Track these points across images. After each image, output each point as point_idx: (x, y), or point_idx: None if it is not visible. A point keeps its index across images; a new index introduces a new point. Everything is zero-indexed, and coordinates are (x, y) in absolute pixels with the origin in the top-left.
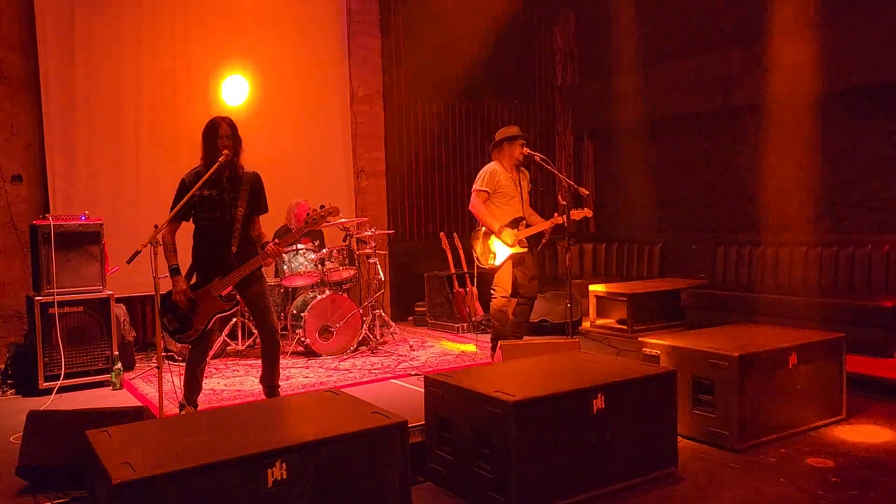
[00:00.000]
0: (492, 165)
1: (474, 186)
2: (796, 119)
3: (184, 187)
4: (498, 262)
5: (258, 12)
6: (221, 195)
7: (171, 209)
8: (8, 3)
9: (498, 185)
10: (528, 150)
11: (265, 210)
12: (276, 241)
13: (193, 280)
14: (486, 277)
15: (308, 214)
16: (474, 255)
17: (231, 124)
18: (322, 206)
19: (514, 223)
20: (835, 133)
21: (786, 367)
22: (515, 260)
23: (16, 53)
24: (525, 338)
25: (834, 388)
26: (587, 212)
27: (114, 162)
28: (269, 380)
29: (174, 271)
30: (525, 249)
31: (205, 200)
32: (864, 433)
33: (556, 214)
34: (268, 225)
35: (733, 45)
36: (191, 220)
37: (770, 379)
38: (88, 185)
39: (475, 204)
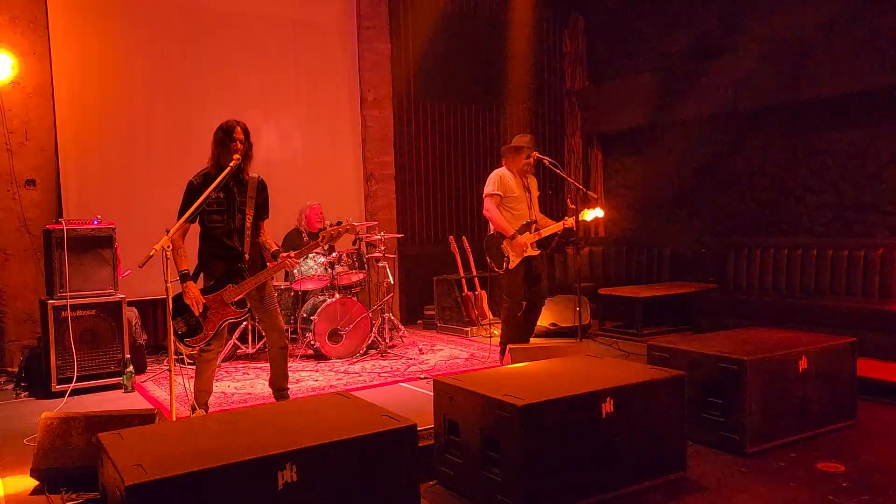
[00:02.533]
0: (500, 170)
1: (485, 191)
2: (806, 122)
3: (192, 189)
4: (511, 265)
5: (268, 18)
6: (229, 198)
7: (180, 211)
8: (22, 10)
9: (507, 189)
10: (538, 155)
11: (267, 216)
12: (292, 253)
13: (202, 284)
14: (496, 281)
15: (325, 229)
16: (487, 259)
17: (245, 129)
18: (339, 223)
19: (526, 227)
20: (846, 136)
21: (796, 370)
22: (527, 263)
23: (30, 59)
24: (534, 341)
25: (845, 392)
26: (599, 213)
27: (126, 166)
28: (278, 383)
29: (185, 276)
30: (537, 253)
31: (213, 203)
32: (875, 437)
33: (566, 217)
34: (279, 228)
35: (742, 48)
36: (196, 222)
37: (780, 383)
38: (101, 189)
39: (489, 208)
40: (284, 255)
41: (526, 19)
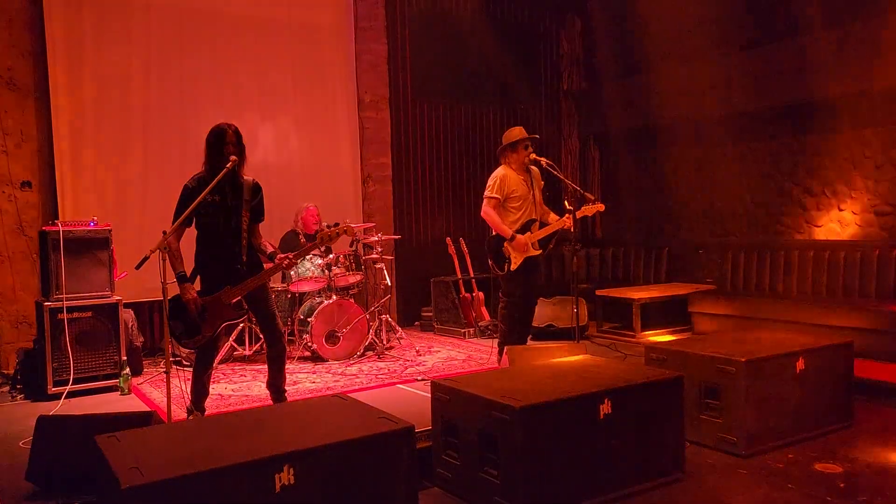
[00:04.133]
0: (501, 171)
1: (485, 193)
2: (803, 123)
3: (188, 193)
4: (513, 267)
5: (265, 20)
6: (225, 201)
7: (176, 215)
8: (18, 11)
9: (509, 191)
10: (535, 156)
11: (263, 219)
12: (290, 255)
13: (199, 286)
14: (494, 282)
15: (322, 231)
16: (489, 262)
17: (236, 131)
18: (337, 224)
19: (527, 226)
20: (843, 138)
21: (793, 371)
22: (527, 264)
23: (26, 61)
24: (531, 342)
25: (842, 394)
26: (600, 206)
27: (122, 168)
28: (276, 385)
29: (182, 278)
30: (538, 252)
31: (209, 206)
32: (872, 438)
33: (567, 215)
34: (275, 230)
35: (737, 50)
36: (193, 226)
37: (777, 384)
38: (97, 191)
39: (487, 211)
40: (282, 256)
41: (523, 21)
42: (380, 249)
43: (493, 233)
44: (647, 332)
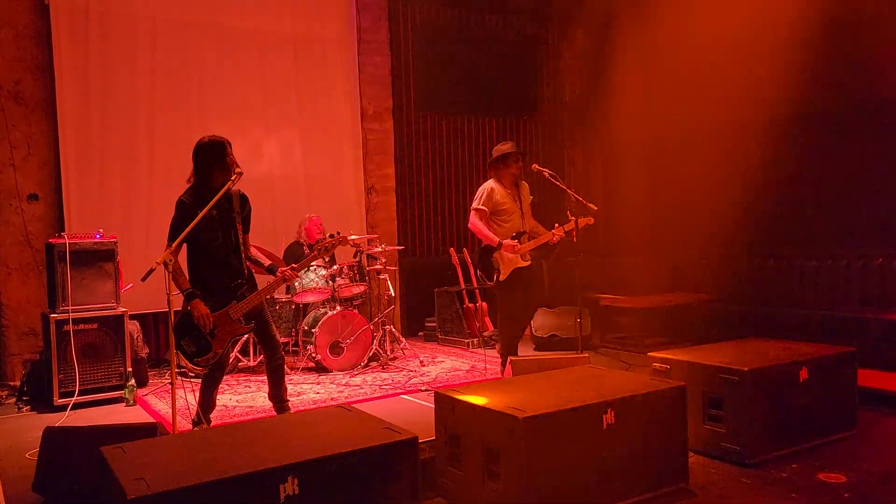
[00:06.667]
0: (489, 184)
1: (473, 205)
2: (804, 134)
3: (186, 207)
4: (503, 278)
5: (269, 33)
6: (222, 215)
7: (172, 231)
8: (25, 26)
9: (496, 204)
10: (536, 167)
11: (248, 230)
12: (291, 268)
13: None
14: (495, 292)
15: (319, 241)
16: (479, 272)
17: (230, 143)
18: (332, 235)
19: (517, 238)
20: (844, 146)
21: (797, 381)
22: (519, 274)
23: (33, 75)
24: (535, 353)
25: (846, 403)
26: (590, 220)
27: (128, 180)
28: (278, 395)
29: (191, 295)
30: (528, 263)
31: (209, 221)
32: (876, 448)
33: (556, 225)
34: (280, 241)
35: (738, 61)
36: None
37: (781, 393)
38: (103, 203)
39: (473, 221)
40: (285, 268)
41: (524, 33)
42: (383, 260)
43: (483, 244)
44: (650, 342)
